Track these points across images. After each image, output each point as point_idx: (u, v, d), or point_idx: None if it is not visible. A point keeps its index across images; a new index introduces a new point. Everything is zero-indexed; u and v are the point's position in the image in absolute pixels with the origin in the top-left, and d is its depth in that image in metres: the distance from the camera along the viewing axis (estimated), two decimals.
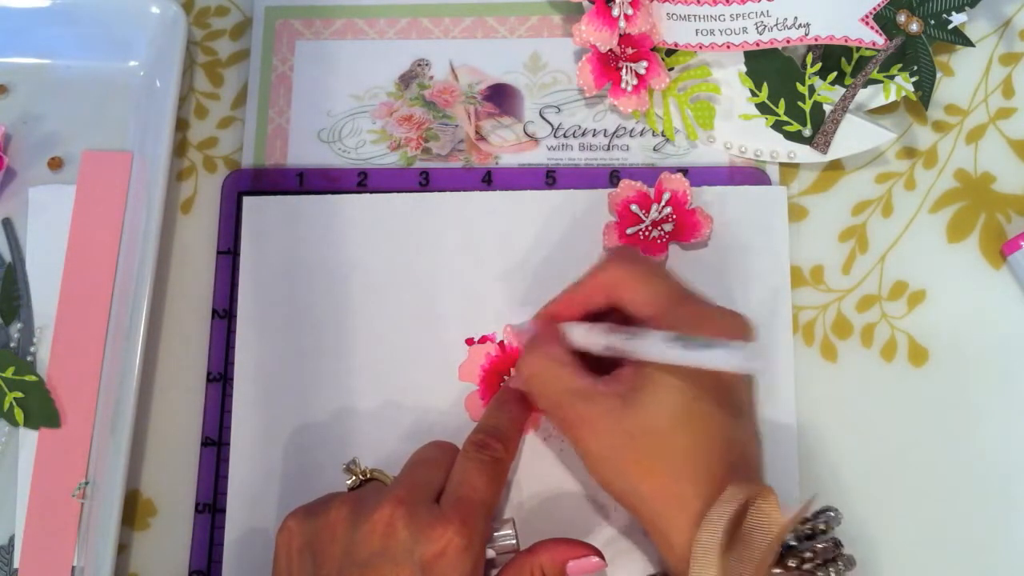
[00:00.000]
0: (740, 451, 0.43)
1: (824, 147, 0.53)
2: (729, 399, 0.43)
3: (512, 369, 0.51)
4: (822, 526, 0.41)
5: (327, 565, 0.42)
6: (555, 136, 0.56)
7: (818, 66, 0.52)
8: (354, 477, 0.47)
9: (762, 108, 0.54)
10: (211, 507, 0.51)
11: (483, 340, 0.52)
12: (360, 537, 0.42)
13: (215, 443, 0.52)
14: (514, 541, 0.46)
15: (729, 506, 0.40)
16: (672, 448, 0.41)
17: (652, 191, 0.52)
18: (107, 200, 0.55)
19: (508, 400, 0.49)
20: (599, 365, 0.45)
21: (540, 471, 0.50)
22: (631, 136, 0.56)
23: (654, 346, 0.42)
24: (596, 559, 0.44)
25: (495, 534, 0.46)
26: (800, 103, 0.53)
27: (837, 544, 0.41)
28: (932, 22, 0.50)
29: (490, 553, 0.45)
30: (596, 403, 0.43)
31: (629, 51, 0.53)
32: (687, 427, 0.42)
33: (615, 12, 0.51)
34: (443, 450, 0.47)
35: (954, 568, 0.49)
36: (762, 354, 0.37)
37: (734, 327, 0.44)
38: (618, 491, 0.43)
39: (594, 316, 0.47)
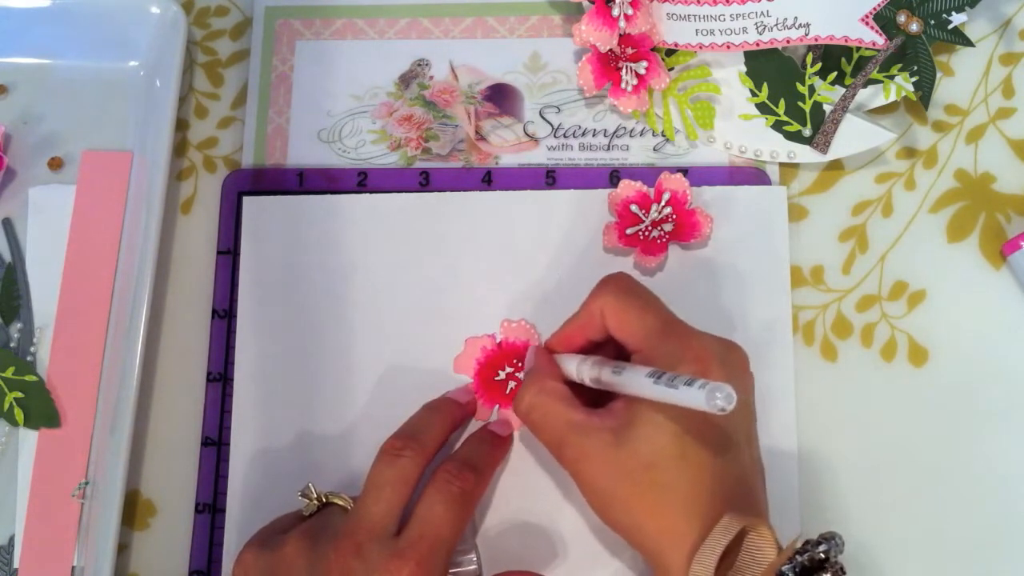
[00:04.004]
0: (736, 483, 0.42)
1: (824, 147, 0.53)
2: (720, 433, 0.42)
3: (507, 364, 0.51)
4: (821, 555, 0.40)
5: None
6: (555, 136, 0.56)
7: (818, 66, 0.52)
8: (309, 503, 0.46)
9: (762, 108, 0.54)
10: (211, 507, 0.51)
11: None
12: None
13: (215, 443, 0.52)
14: (475, 567, 0.46)
15: (721, 539, 0.39)
16: (664, 484, 0.41)
17: (652, 191, 0.52)
18: (107, 200, 0.55)
19: (488, 438, 0.49)
20: (601, 396, 0.45)
21: (521, 468, 0.50)
22: (631, 136, 0.56)
23: (637, 382, 0.41)
24: None
25: (458, 558, 0.46)
26: (800, 103, 0.53)
27: (839, 574, 0.40)
28: (932, 22, 0.50)
29: None
30: (591, 437, 0.43)
31: (629, 51, 0.53)
32: (677, 463, 0.41)
33: (615, 12, 0.51)
34: (402, 469, 0.45)
35: (954, 568, 0.49)
36: (736, 396, 0.37)
37: (727, 358, 0.43)
38: (616, 524, 0.43)
39: (595, 345, 0.47)
